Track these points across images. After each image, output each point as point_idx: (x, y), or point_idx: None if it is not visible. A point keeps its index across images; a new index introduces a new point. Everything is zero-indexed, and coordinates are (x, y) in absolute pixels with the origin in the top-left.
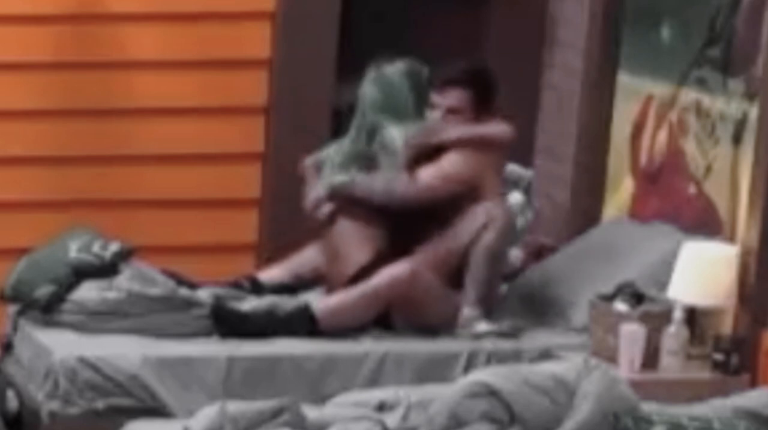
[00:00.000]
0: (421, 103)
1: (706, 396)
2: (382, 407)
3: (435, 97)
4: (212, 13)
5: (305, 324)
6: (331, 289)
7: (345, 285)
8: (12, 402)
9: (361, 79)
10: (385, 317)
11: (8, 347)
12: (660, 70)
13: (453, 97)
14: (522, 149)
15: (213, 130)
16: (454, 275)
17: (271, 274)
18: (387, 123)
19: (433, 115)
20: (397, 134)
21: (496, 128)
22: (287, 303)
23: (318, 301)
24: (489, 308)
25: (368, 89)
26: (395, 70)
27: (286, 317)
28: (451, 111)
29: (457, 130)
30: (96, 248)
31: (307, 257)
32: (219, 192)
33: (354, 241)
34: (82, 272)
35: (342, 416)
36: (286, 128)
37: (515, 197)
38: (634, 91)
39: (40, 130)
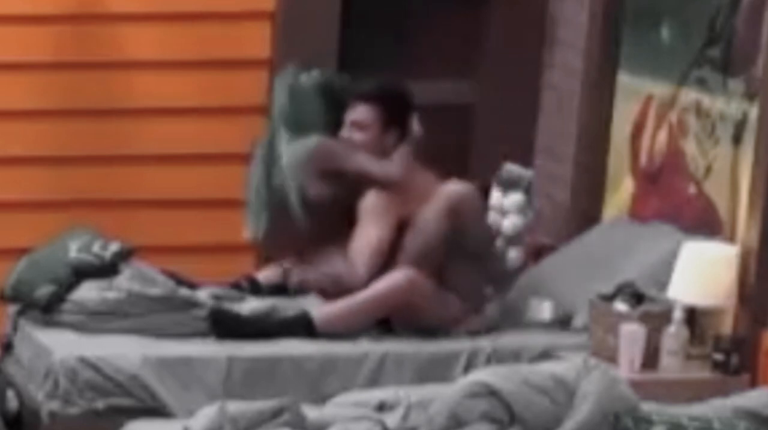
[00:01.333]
0: (332, 119)
1: (706, 396)
2: (382, 407)
3: (345, 114)
4: (212, 13)
5: (303, 332)
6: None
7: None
8: (12, 402)
9: (361, 80)
10: (385, 321)
11: (8, 347)
12: (660, 70)
13: (359, 112)
14: (522, 149)
15: (213, 130)
16: (438, 273)
17: (269, 273)
18: (286, 137)
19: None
20: (284, 152)
21: (385, 169)
22: (286, 307)
23: (316, 308)
24: (478, 302)
25: (279, 96)
26: (310, 81)
27: (285, 324)
28: (355, 125)
29: (356, 159)
30: (96, 248)
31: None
32: (219, 192)
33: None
34: (82, 272)
35: (342, 416)
36: None
37: (515, 197)
38: (634, 91)
39: (40, 130)
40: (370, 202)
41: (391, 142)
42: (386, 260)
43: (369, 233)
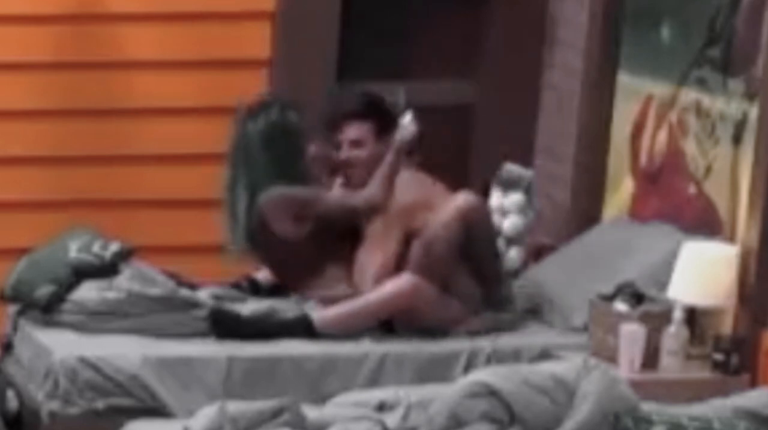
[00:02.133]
0: (286, 161)
1: (706, 396)
2: (382, 407)
3: (335, 135)
4: (212, 13)
5: (304, 334)
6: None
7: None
8: (12, 402)
9: (360, 80)
10: (387, 322)
11: (8, 347)
12: (660, 70)
13: (353, 130)
14: (522, 149)
15: (213, 130)
16: (445, 278)
17: (270, 273)
18: (244, 182)
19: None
20: (241, 208)
21: (364, 197)
22: (286, 309)
23: (316, 310)
24: (478, 306)
25: (231, 141)
26: (254, 129)
27: (285, 325)
28: (354, 144)
29: (330, 200)
30: (96, 248)
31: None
32: (219, 192)
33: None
34: (82, 272)
35: (342, 416)
36: None
37: (515, 197)
38: (634, 91)
39: (40, 130)
40: (372, 226)
41: (386, 149)
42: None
43: (373, 257)
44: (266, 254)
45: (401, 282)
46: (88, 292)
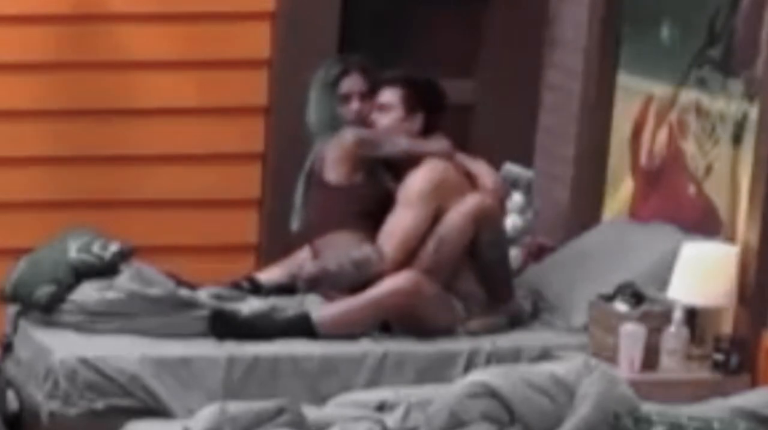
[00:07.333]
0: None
1: (706, 396)
2: (382, 407)
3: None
4: (212, 13)
5: (304, 333)
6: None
7: (345, 293)
8: (12, 402)
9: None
10: (385, 324)
11: (8, 347)
12: (660, 70)
13: (383, 95)
14: (522, 149)
15: (213, 130)
16: (448, 277)
17: (271, 274)
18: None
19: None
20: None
21: (437, 145)
22: (287, 307)
23: (318, 309)
24: (482, 307)
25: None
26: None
27: (286, 325)
28: (381, 108)
29: (400, 142)
30: (96, 248)
31: (306, 257)
32: (219, 192)
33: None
34: (82, 272)
35: (342, 416)
36: (286, 128)
37: (515, 197)
38: (634, 91)
39: (40, 130)
40: (415, 185)
41: (417, 126)
42: (415, 250)
43: (405, 216)
44: (313, 199)
45: (401, 281)
46: (88, 292)
